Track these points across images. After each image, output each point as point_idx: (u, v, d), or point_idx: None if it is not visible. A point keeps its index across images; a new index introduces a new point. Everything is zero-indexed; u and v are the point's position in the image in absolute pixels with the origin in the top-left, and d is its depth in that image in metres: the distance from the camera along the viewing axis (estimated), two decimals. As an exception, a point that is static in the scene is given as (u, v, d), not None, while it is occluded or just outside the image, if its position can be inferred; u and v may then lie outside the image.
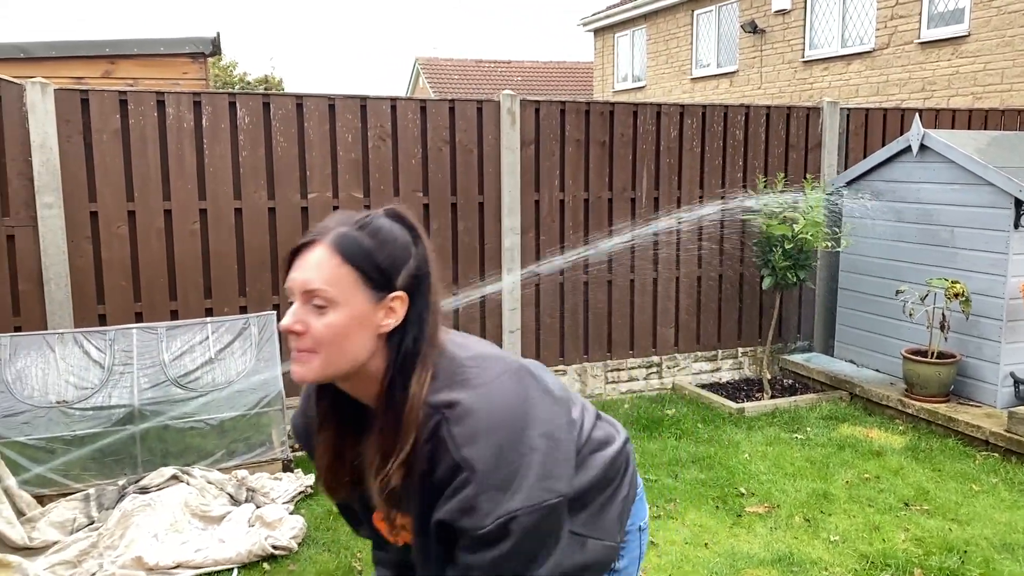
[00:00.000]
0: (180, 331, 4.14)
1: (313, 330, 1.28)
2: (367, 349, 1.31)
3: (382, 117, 4.85)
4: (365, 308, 1.29)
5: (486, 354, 1.38)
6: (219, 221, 4.54)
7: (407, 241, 1.34)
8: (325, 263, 1.28)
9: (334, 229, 1.31)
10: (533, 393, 1.33)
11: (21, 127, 4.12)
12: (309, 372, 1.30)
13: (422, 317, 1.33)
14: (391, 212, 1.38)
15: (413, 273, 1.33)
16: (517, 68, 24.10)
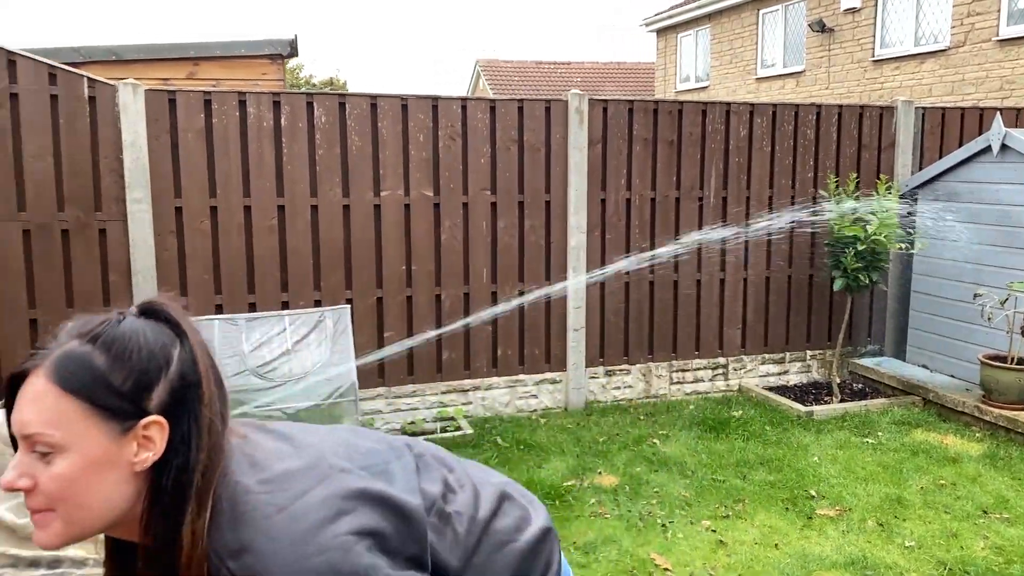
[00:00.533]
0: (259, 323, 4.30)
1: (42, 485, 1.00)
2: (122, 496, 1.04)
3: (453, 117, 4.94)
4: (105, 448, 1.01)
5: (286, 471, 1.09)
6: (296, 217, 4.69)
7: (162, 346, 1.06)
8: (43, 398, 1.00)
9: (56, 348, 1.03)
10: (345, 505, 1.07)
11: (113, 126, 4.32)
12: (49, 537, 1.03)
13: (188, 442, 1.05)
14: (145, 308, 1.10)
15: (173, 387, 1.05)
16: (577, 69, 24.09)
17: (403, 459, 1.23)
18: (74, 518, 1.02)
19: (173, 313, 1.10)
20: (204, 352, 1.11)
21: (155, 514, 1.04)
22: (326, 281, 4.78)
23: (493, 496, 1.29)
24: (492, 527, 1.24)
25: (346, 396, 4.23)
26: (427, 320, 4.98)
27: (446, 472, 1.28)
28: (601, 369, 5.42)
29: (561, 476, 4.17)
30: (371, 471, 1.15)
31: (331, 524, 1.04)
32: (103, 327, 1.05)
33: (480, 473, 1.36)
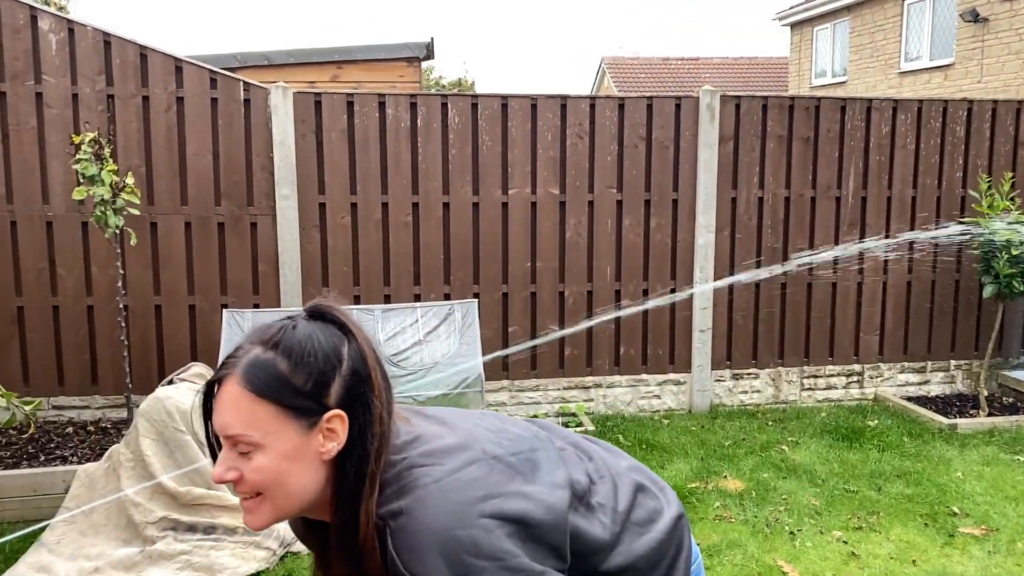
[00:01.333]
0: (393, 314, 4.49)
1: (246, 477, 1.14)
2: (314, 482, 1.16)
3: (581, 115, 4.98)
4: (296, 442, 1.13)
5: (444, 447, 1.18)
6: (429, 214, 4.86)
7: (333, 346, 1.16)
8: (239, 403, 1.13)
9: (244, 356, 1.15)
10: (493, 486, 1.14)
11: (265, 127, 4.63)
12: (258, 520, 1.17)
13: (364, 431, 1.15)
14: (313, 311, 1.20)
15: (347, 383, 1.16)
16: (705, 65, 23.56)
17: (548, 449, 1.28)
18: (278, 503, 1.15)
19: (339, 315, 1.19)
20: (371, 348, 1.20)
21: (341, 497, 1.15)
22: (455, 276, 4.94)
23: (630, 488, 1.33)
24: (630, 519, 1.29)
25: (473, 387, 4.35)
26: (550, 316, 5.05)
27: (587, 462, 1.32)
28: (727, 372, 5.31)
29: (685, 478, 4.13)
30: (519, 457, 1.21)
31: (479, 503, 1.11)
32: (282, 334, 1.15)
33: (614, 460, 1.39)
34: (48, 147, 4.39)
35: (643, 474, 1.41)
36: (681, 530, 1.35)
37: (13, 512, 3.48)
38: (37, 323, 4.47)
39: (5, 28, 4.30)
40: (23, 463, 3.82)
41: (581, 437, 1.44)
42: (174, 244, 4.58)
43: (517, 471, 1.18)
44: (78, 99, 4.41)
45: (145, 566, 3.10)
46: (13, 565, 3.15)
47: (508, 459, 1.20)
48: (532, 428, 1.34)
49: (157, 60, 4.48)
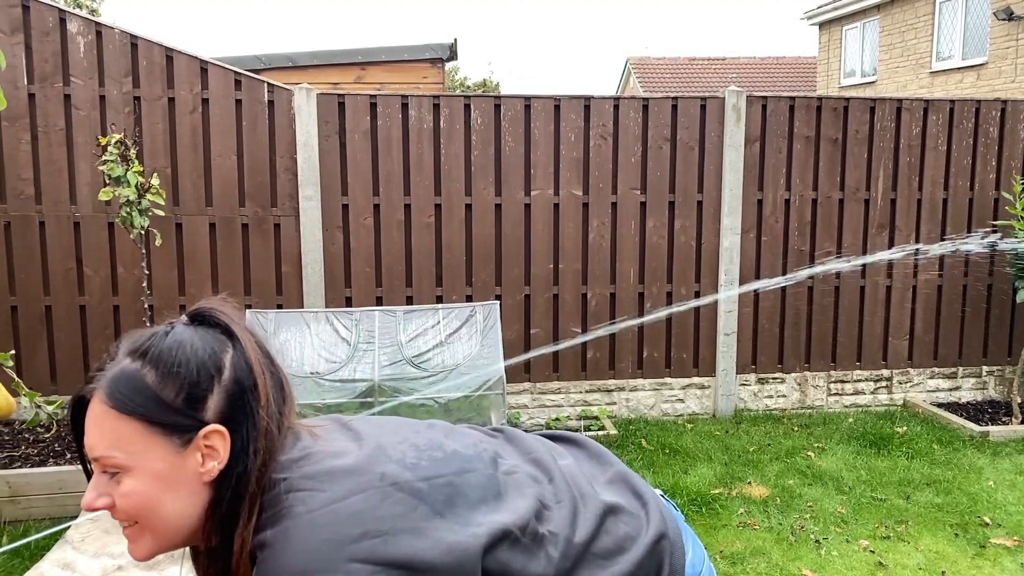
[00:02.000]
0: (415, 315, 4.48)
1: (118, 504, 1.03)
2: (194, 506, 1.04)
3: (604, 116, 4.94)
4: (168, 462, 1.02)
5: (331, 469, 1.04)
6: (451, 215, 4.85)
7: (212, 353, 1.05)
8: (102, 422, 1.02)
9: (110, 369, 1.04)
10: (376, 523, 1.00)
11: (288, 128, 4.64)
12: (139, 551, 1.06)
13: (247, 447, 1.04)
14: (194, 314, 1.10)
15: (229, 393, 1.05)
16: (732, 65, 23.36)
17: (483, 472, 1.14)
18: (157, 531, 1.04)
19: (222, 317, 1.09)
20: (259, 353, 1.09)
21: (215, 522, 1.04)
22: (477, 277, 4.92)
23: (596, 513, 1.18)
24: (590, 550, 1.14)
25: (494, 389, 4.33)
26: (573, 319, 5.01)
27: (543, 484, 1.18)
28: (753, 376, 5.24)
29: (708, 484, 4.07)
30: (433, 483, 1.07)
31: (350, 544, 0.97)
32: (151, 341, 1.05)
33: (588, 478, 1.25)
34: (76, 148, 4.44)
35: (624, 490, 1.26)
36: (660, 554, 1.19)
37: (39, 510, 3.52)
38: (64, 322, 4.53)
39: (35, 31, 4.35)
40: (49, 461, 3.86)
41: (549, 450, 1.29)
42: (199, 245, 4.61)
43: (423, 501, 1.04)
44: (105, 101, 4.45)
45: (166, 564, 3.11)
46: (38, 562, 3.18)
47: (415, 486, 1.05)
48: (480, 445, 1.20)
49: (183, 62, 4.52)
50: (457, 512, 1.06)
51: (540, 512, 1.13)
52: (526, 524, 1.09)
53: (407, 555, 0.98)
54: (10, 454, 3.93)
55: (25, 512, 3.53)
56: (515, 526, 1.08)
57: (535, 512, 1.12)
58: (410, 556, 0.98)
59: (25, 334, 4.43)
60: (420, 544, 1.00)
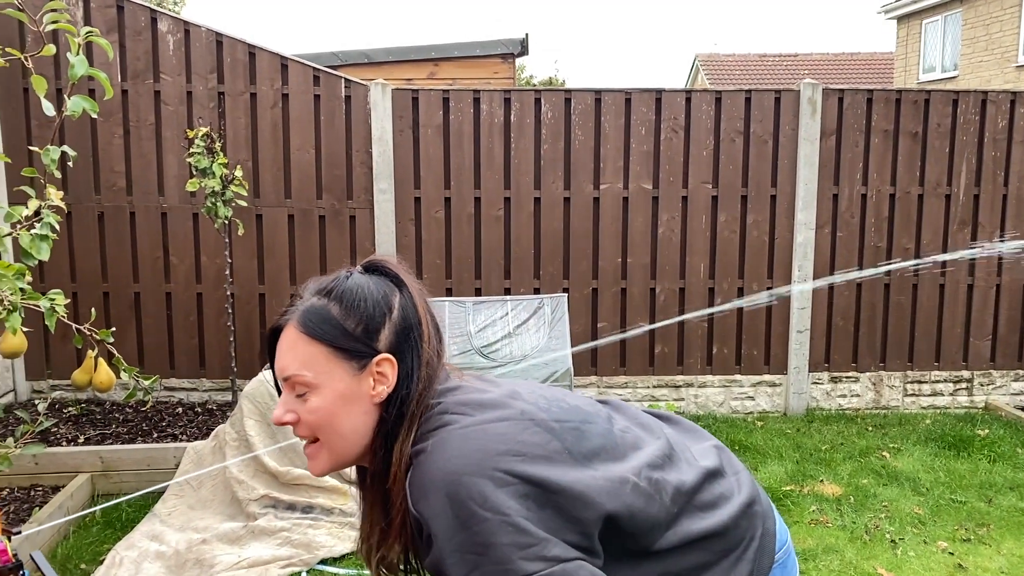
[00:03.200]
0: (484, 306, 4.55)
1: (303, 418, 1.19)
2: (366, 425, 1.20)
3: (676, 109, 4.91)
4: (348, 383, 1.18)
5: (480, 400, 1.19)
6: (520, 209, 4.90)
7: (384, 295, 1.22)
8: (295, 346, 1.19)
9: (301, 304, 1.22)
10: (518, 445, 1.12)
11: (364, 123, 4.76)
12: (318, 466, 1.22)
13: (411, 375, 1.20)
14: (368, 264, 1.27)
15: (397, 329, 1.20)
16: (804, 61, 22.83)
17: (602, 425, 1.25)
18: (335, 446, 1.20)
19: (392, 267, 1.26)
20: (422, 298, 1.25)
21: (379, 439, 1.19)
22: (545, 270, 4.95)
23: (699, 471, 1.29)
24: (693, 501, 1.25)
25: (561, 381, 4.36)
26: (641, 313, 5.00)
27: (653, 442, 1.29)
28: (825, 375, 5.14)
29: (779, 480, 4.02)
30: (564, 425, 1.19)
31: (498, 456, 1.10)
32: (335, 283, 1.22)
33: (690, 442, 1.38)
34: (164, 142, 4.65)
35: (720, 457, 1.36)
36: (751, 519, 1.29)
37: (129, 484, 3.70)
38: (151, 308, 4.74)
39: (128, 30, 4.57)
40: (138, 439, 4.06)
41: (656, 418, 1.42)
42: (278, 235, 4.77)
43: (555, 437, 1.16)
44: (192, 96, 4.64)
45: (248, 540, 3.25)
46: (129, 533, 3.36)
47: (548, 424, 1.18)
48: (596, 405, 1.32)
49: (264, 58, 4.68)
50: (583, 452, 1.18)
51: (653, 464, 1.24)
52: (640, 472, 1.21)
53: (541, 476, 1.11)
54: (102, 431, 4.15)
55: (116, 486, 3.72)
56: (632, 474, 1.19)
57: (649, 463, 1.24)
58: (543, 477, 1.11)
59: (116, 319, 4.66)
60: (552, 470, 1.12)
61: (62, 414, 4.38)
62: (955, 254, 4.90)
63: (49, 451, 3.70)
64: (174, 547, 3.21)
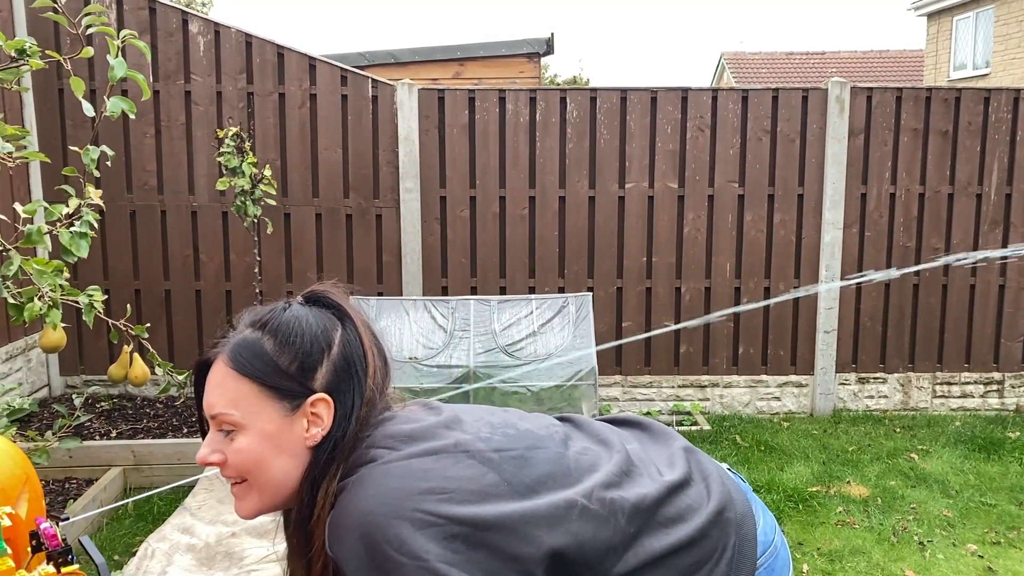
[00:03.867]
0: (508, 305, 4.56)
1: (230, 459, 1.12)
2: (297, 469, 1.12)
3: (702, 108, 4.90)
4: (278, 424, 1.11)
5: (409, 432, 1.12)
6: (545, 208, 4.91)
7: (323, 330, 1.15)
8: (223, 382, 1.12)
9: (233, 337, 1.15)
10: (445, 482, 1.05)
11: (391, 122, 4.80)
12: (245, 508, 1.15)
13: (348, 416, 1.12)
14: (309, 295, 1.20)
15: (336, 367, 1.14)
16: (832, 59, 22.59)
17: (553, 449, 1.19)
18: (264, 489, 1.12)
19: (334, 298, 1.18)
20: (368, 332, 1.18)
21: (307, 481, 1.11)
22: (570, 269, 4.96)
23: (659, 489, 1.20)
24: (655, 517, 1.17)
25: (585, 380, 4.37)
26: (666, 313, 4.99)
27: (612, 460, 1.22)
28: (853, 376, 5.09)
29: (805, 481, 4.00)
30: (505, 455, 1.12)
31: (420, 495, 1.03)
32: (271, 315, 1.16)
33: (653, 453, 1.30)
34: (195, 142, 4.72)
35: (687, 467, 1.28)
36: (723, 527, 1.21)
37: (160, 478, 3.76)
38: (181, 306, 4.82)
39: (160, 32, 4.65)
40: (168, 434, 4.13)
41: (623, 424, 1.38)
42: (305, 234, 4.82)
43: (492, 468, 1.10)
44: (222, 96, 4.71)
45: (276, 534, 3.29)
46: (161, 525, 3.42)
47: (486, 455, 1.11)
48: (551, 428, 1.25)
49: (293, 59, 4.73)
50: (524, 483, 1.11)
51: (608, 483, 1.17)
52: (591, 493, 1.13)
53: (470, 514, 1.04)
54: (134, 426, 4.23)
55: (148, 480, 3.79)
56: (581, 496, 1.12)
57: (604, 483, 1.16)
58: (472, 515, 1.04)
59: (147, 316, 4.74)
60: (484, 507, 1.05)
61: (95, 409, 4.47)
62: (980, 254, 4.84)
63: (83, 445, 3.78)
64: (204, 540, 3.27)
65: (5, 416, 2.33)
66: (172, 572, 3.05)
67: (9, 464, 1.33)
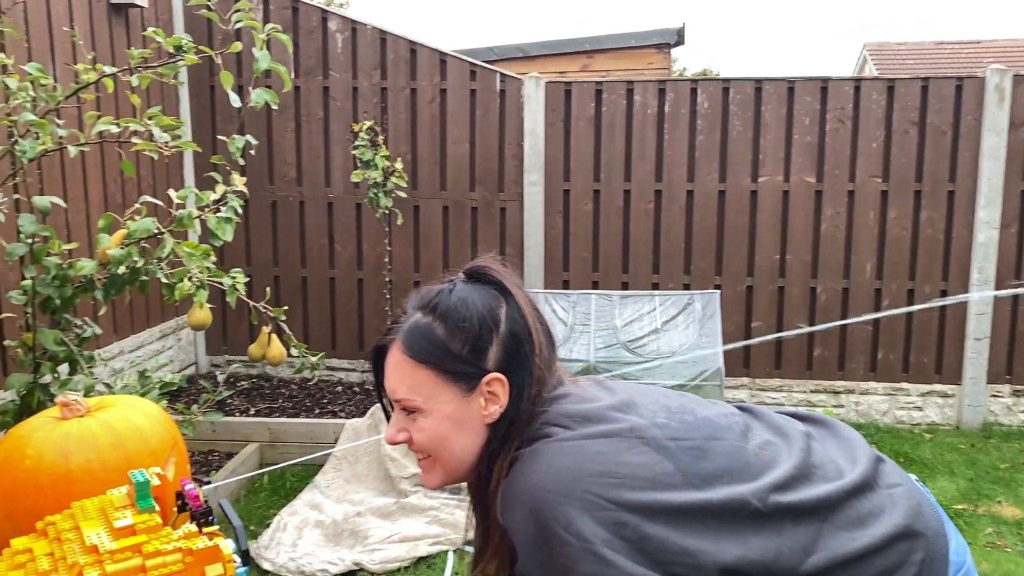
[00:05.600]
0: (631, 300, 4.49)
1: (415, 438, 1.17)
2: (477, 445, 1.16)
3: (843, 99, 4.64)
4: (456, 405, 1.14)
5: (584, 412, 1.12)
6: (671, 202, 4.80)
7: (489, 308, 1.15)
8: (401, 368, 1.16)
9: (405, 322, 1.18)
10: (617, 467, 1.04)
11: (517, 116, 4.83)
12: (431, 480, 1.20)
13: (522, 392, 1.14)
14: (471, 271, 1.20)
15: (506, 345, 1.14)
16: (988, 48, 20.91)
17: (733, 441, 1.15)
18: (447, 464, 1.17)
19: (495, 274, 1.19)
20: (530, 307, 1.18)
21: (484, 456, 1.15)
22: (696, 265, 4.83)
23: (839, 491, 1.13)
24: (832, 521, 1.10)
25: (711, 380, 4.24)
26: (799, 314, 4.77)
27: (792, 461, 1.15)
28: (1007, 387, 4.69)
29: (951, 498, 3.71)
30: (682, 444, 1.10)
31: (592, 477, 1.03)
32: (438, 298, 1.17)
33: (836, 455, 1.21)
34: (331, 135, 4.92)
35: (872, 472, 1.19)
36: (911, 541, 1.12)
37: (292, 455, 3.95)
38: (317, 292, 5.04)
39: (301, 30, 4.87)
40: (301, 414, 4.33)
41: (805, 421, 1.30)
42: (433, 226, 4.93)
43: (667, 456, 1.08)
44: (357, 92, 4.88)
45: (399, 516, 3.39)
46: (292, 500, 3.59)
47: (661, 443, 1.09)
48: (731, 417, 1.21)
49: (425, 54, 4.84)
50: (699, 474, 1.08)
51: (785, 483, 1.11)
52: (766, 493, 1.09)
53: (641, 502, 1.03)
54: (270, 405, 4.46)
55: (282, 456, 3.98)
56: (755, 497, 1.08)
57: (779, 483, 1.11)
58: (643, 503, 1.03)
59: (285, 300, 4.98)
60: (655, 495, 1.04)
61: (236, 387, 4.74)
62: None
63: (225, 420, 4.02)
64: (332, 517, 3.40)
65: (157, 388, 2.51)
66: (302, 545, 3.19)
67: (160, 430, 1.42)
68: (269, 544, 3.19)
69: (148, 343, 4.51)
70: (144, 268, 2.32)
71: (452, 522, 3.31)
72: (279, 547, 3.16)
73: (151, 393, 2.46)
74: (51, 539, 1.03)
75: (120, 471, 1.31)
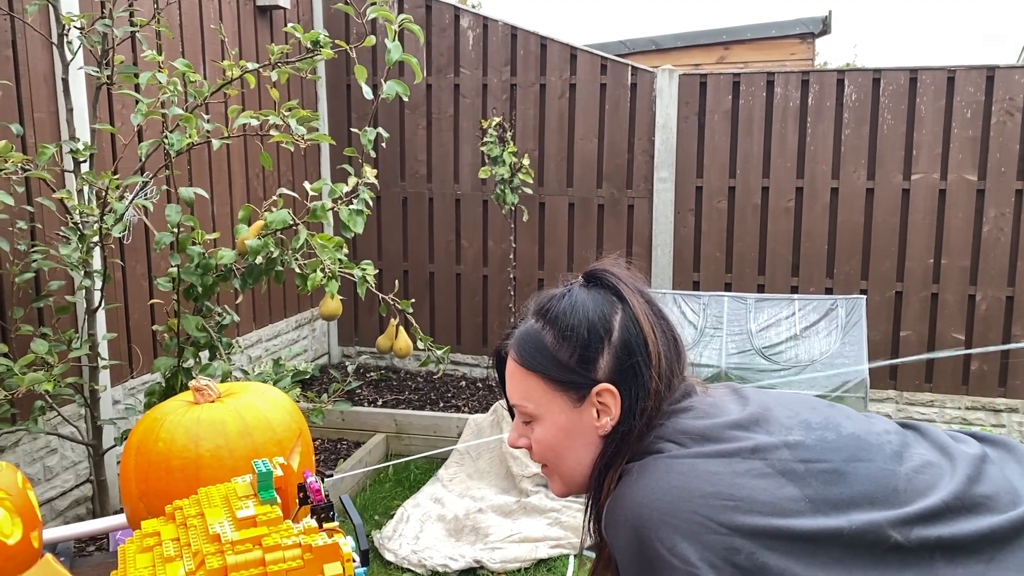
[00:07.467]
0: (767, 304, 4.25)
1: (533, 448, 1.13)
2: (592, 456, 1.10)
3: (1012, 89, 4.21)
4: (568, 415, 1.09)
5: (703, 429, 1.02)
6: (813, 200, 4.51)
7: (601, 316, 1.08)
8: (514, 374, 1.13)
9: (520, 327, 1.14)
10: (732, 488, 0.94)
11: (648, 110, 4.68)
12: (555, 489, 1.17)
13: (635, 405, 1.06)
14: (589, 275, 1.13)
15: (618, 355, 1.06)
16: None
17: (881, 464, 1.01)
18: (564, 475, 1.12)
19: (613, 279, 1.12)
20: (650, 314, 1.10)
21: (597, 468, 1.09)
22: (840, 268, 4.52)
23: (1011, 523, 0.97)
24: (1003, 559, 0.95)
25: (854, 392, 3.94)
26: (955, 323, 4.37)
27: (950, 480, 1.01)
28: None
29: None
30: (813, 467, 0.98)
31: (703, 499, 0.94)
32: (551, 303, 1.12)
33: (1006, 491, 1.03)
34: (461, 132, 4.95)
35: None
36: None
37: (416, 448, 4.00)
38: (443, 287, 5.09)
39: (434, 27, 4.93)
40: (426, 407, 4.38)
41: (977, 446, 1.11)
42: (558, 223, 4.86)
43: (793, 482, 0.96)
44: (487, 89, 4.89)
45: (520, 515, 3.34)
46: (415, 493, 3.63)
47: (788, 465, 0.97)
48: (885, 436, 1.06)
49: (555, 49, 4.78)
50: (830, 501, 0.95)
51: (940, 512, 0.96)
52: (911, 526, 0.94)
53: (755, 527, 0.93)
54: (396, 396, 4.54)
55: (407, 448, 4.04)
56: (894, 527, 0.94)
57: (930, 513, 0.96)
58: (757, 528, 0.93)
59: (412, 294, 5.06)
60: (773, 521, 0.93)
61: (365, 378, 4.86)
62: None
63: (353, 409, 4.12)
64: (454, 512, 3.40)
65: (290, 376, 2.57)
66: (424, 538, 3.21)
67: (287, 419, 1.42)
68: (392, 535, 3.22)
69: (284, 332, 4.70)
70: (279, 259, 2.38)
71: (574, 525, 3.23)
72: (401, 539, 3.19)
73: (283, 381, 2.53)
74: (178, 524, 1.03)
75: (246, 459, 1.32)
